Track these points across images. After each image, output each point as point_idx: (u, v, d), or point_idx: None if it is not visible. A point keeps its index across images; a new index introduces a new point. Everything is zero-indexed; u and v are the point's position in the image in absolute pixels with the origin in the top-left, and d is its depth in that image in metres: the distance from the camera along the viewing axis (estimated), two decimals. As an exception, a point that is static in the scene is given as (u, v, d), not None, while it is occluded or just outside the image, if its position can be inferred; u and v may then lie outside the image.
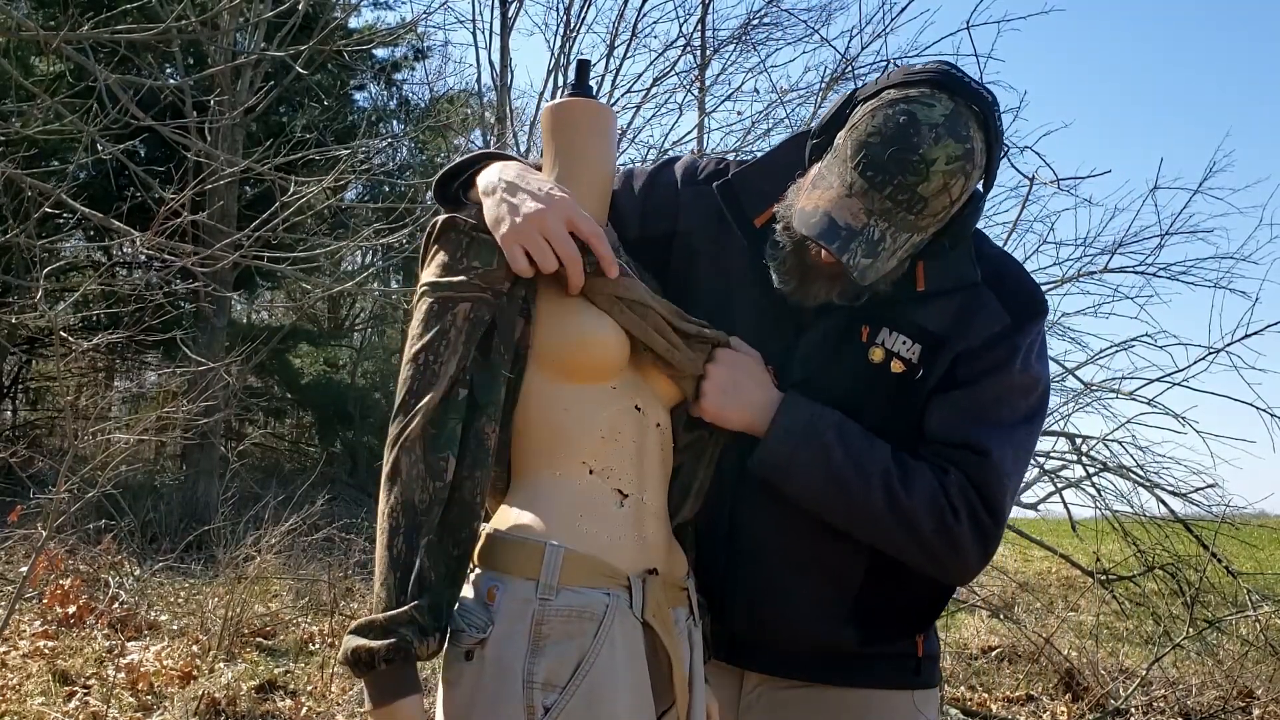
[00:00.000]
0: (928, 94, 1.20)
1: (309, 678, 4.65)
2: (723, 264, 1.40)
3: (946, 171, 1.17)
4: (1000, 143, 1.24)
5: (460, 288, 1.22)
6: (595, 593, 1.19)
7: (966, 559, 1.29)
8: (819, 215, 1.21)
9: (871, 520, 1.28)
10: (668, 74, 7.21)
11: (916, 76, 1.22)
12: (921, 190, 1.18)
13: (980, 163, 1.22)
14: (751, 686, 1.42)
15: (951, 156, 1.17)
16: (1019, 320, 1.32)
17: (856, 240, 1.19)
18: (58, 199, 4.45)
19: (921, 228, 1.22)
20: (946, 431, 1.30)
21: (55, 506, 3.86)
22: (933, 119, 1.18)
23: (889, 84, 1.24)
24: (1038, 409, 1.35)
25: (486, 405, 1.22)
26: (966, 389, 1.31)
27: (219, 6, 5.70)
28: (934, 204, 1.19)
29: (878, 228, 1.19)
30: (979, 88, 1.22)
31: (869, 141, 1.20)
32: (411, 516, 1.16)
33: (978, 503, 1.27)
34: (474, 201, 1.30)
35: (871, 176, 1.19)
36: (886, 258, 1.21)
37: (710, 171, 1.48)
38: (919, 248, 1.26)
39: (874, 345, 1.33)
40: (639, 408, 1.29)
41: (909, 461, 1.29)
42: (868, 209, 1.19)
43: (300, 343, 13.81)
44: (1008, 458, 1.29)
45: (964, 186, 1.20)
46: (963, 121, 1.19)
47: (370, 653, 1.11)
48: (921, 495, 1.26)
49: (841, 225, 1.19)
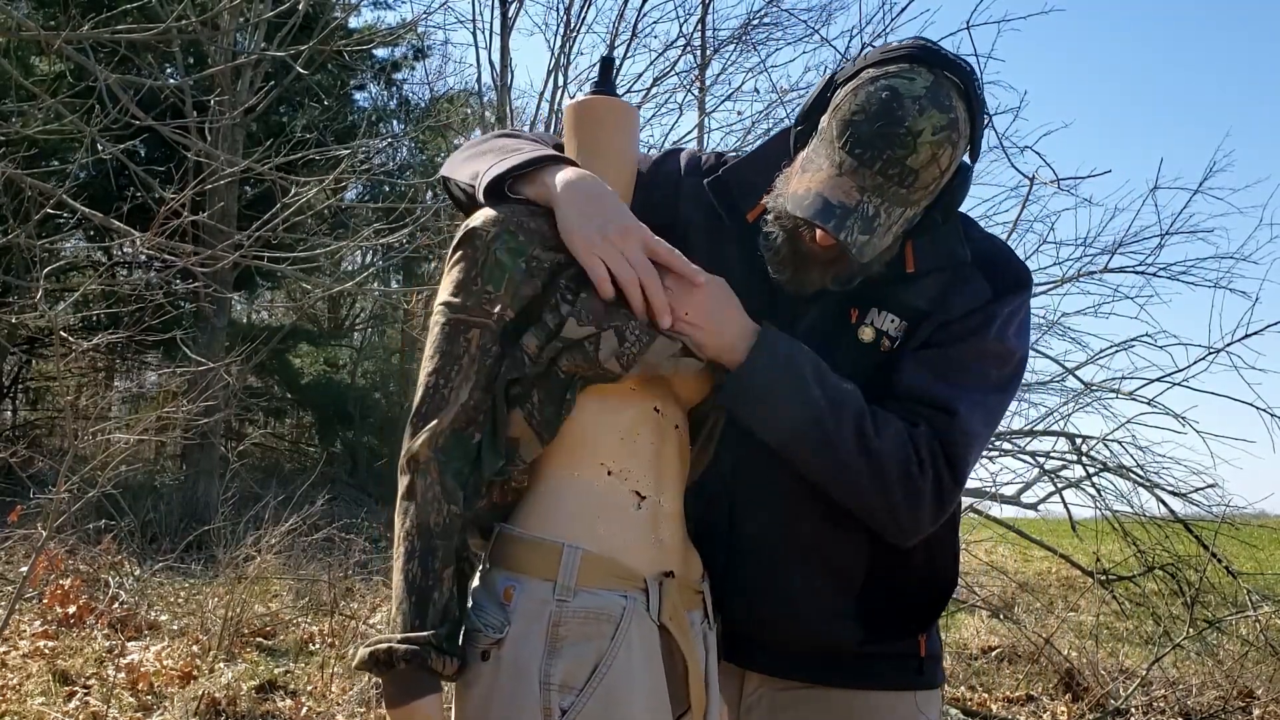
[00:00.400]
0: (907, 69, 1.22)
1: (309, 678, 4.65)
2: (718, 257, 1.40)
3: (934, 142, 1.18)
4: (982, 112, 1.26)
5: (473, 311, 1.21)
6: (612, 595, 1.18)
7: (920, 513, 1.26)
8: (812, 197, 1.22)
9: (839, 462, 1.25)
10: (668, 74, 7.21)
11: (894, 53, 1.24)
12: (911, 163, 1.19)
13: (965, 132, 1.23)
14: (753, 688, 1.42)
15: (937, 126, 1.18)
16: (1000, 293, 1.33)
17: (852, 218, 1.19)
18: (58, 199, 4.44)
19: (914, 201, 1.23)
20: (916, 386, 1.30)
21: (55, 506, 3.85)
22: (915, 91, 1.19)
23: (867, 64, 1.25)
24: (1011, 379, 1.35)
25: (485, 469, 1.21)
26: (939, 349, 1.32)
27: (219, 6, 5.70)
28: (924, 175, 1.20)
29: (871, 204, 1.20)
30: (956, 59, 1.23)
31: (854, 120, 1.21)
32: (427, 539, 1.15)
33: (941, 459, 1.26)
34: (524, 198, 1.27)
35: (860, 154, 1.19)
36: (883, 233, 1.22)
37: (709, 165, 1.48)
38: (913, 221, 1.27)
39: (864, 325, 1.34)
40: (658, 410, 1.29)
41: (880, 410, 1.28)
42: (860, 186, 1.20)
43: (300, 343, 13.81)
44: (975, 419, 1.28)
45: (952, 155, 1.22)
46: (944, 92, 1.20)
47: (389, 652, 1.10)
48: (891, 441, 1.25)
49: (835, 204, 1.20)
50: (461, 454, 1.19)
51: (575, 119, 1.36)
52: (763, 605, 1.36)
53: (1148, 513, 5.29)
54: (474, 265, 1.22)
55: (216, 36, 7.42)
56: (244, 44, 8.63)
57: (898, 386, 1.31)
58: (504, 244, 1.23)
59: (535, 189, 1.27)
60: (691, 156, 1.52)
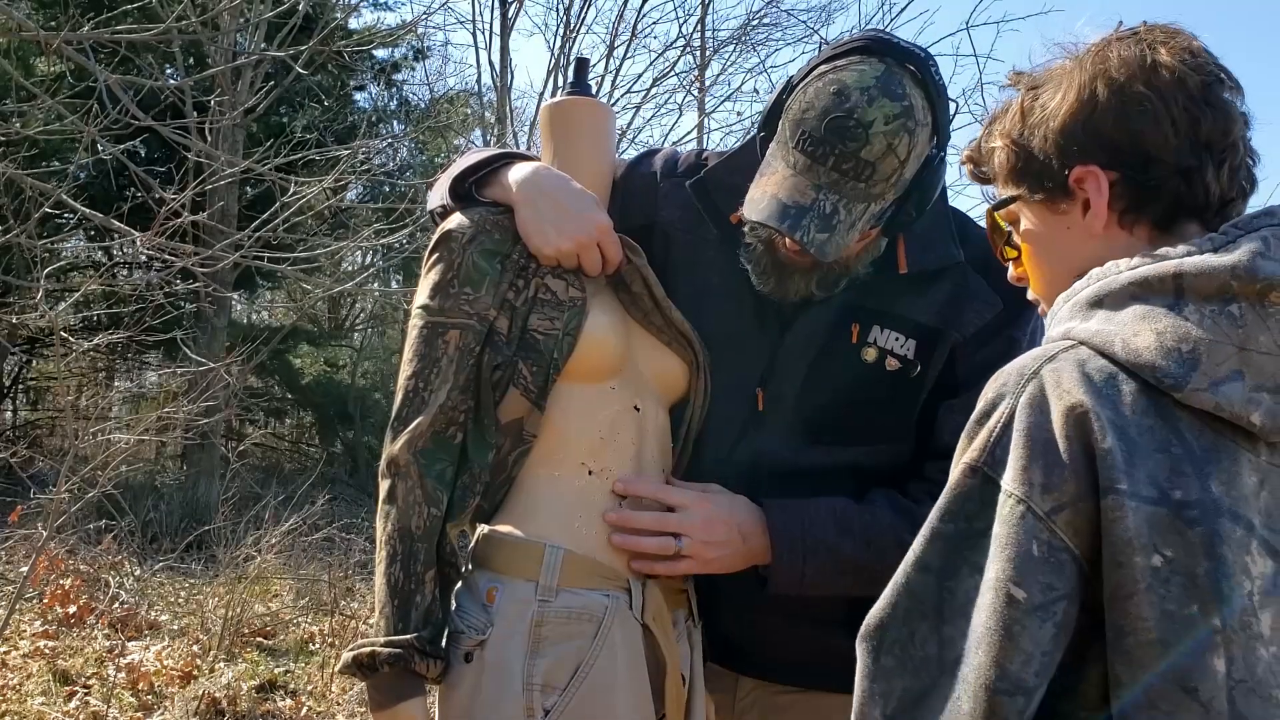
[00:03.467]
0: (856, 60, 1.18)
1: (309, 678, 4.65)
2: (700, 259, 1.39)
3: (887, 131, 1.14)
4: (944, 97, 1.21)
5: (450, 313, 1.22)
6: (595, 594, 1.18)
7: None
8: (767, 200, 1.19)
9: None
10: (667, 74, 7.24)
11: (844, 47, 1.21)
12: (865, 155, 1.14)
13: (924, 119, 1.18)
14: (746, 691, 1.41)
15: (890, 115, 1.14)
16: (1013, 308, 1.29)
17: (808, 216, 1.16)
18: (58, 199, 4.45)
19: (876, 195, 1.18)
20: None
21: (55, 506, 3.86)
22: (864, 82, 1.16)
23: (819, 60, 1.22)
24: None
25: (474, 464, 1.22)
26: (969, 394, 1.28)
27: (219, 7, 5.70)
28: (882, 167, 1.16)
29: (828, 200, 1.16)
30: (910, 46, 1.20)
31: (804, 118, 1.18)
32: (408, 543, 1.16)
33: None
34: (489, 200, 1.29)
35: (811, 151, 1.16)
36: (845, 230, 1.17)
37: (689, 165, 1.45)
38: (882, 217, 1.22)
39: (866, 345, 1.30)
40: (638, 408, 1.28)
41: (913, 508, 1.26)
42: (814, 184, 1.17)
43: (300, 343, 13.80)
44: None
45: (909, 144, 1.16)
46: (896, 79, 1.16)
47: (373, 656, 1.11)
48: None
49: (790, 204, 1.17)
50: (443, 456, 1.20)
51: (550, 120, 1.37)
52: (751, 614, 1.35)
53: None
54: (450, 267, 1.23)
55: (216, 37, 7.42)
56: (244, 44, 8.63)
57: (939, 445, 1.29)
58: (479, 245, 1.23)
59: (494, 190, 1.29)
60: (668, 158, 1.48)
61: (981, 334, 1.29)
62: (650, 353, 1.32)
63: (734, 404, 1.34)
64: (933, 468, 1.29)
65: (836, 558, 1.24)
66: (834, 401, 1.31)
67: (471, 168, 1.31)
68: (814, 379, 1.32)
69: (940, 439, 1.29)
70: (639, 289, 1.29)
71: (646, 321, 1.31)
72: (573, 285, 1.25)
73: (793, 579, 1.25)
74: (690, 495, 1.26)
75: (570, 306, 1.23)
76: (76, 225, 6.42)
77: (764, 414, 1.33)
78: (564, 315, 1.23)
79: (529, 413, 1.22)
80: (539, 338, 1.22)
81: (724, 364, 1.35)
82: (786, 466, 1.32)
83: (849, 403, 1.31)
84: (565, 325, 1.22)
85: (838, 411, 1.31)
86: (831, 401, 1.31)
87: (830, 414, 1.32)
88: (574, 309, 1.23)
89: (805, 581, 1.25)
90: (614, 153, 1.41)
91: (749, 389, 1.34)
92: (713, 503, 1.26)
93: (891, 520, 1.26)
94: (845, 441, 1.32)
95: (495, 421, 1.22)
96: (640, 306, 1.30)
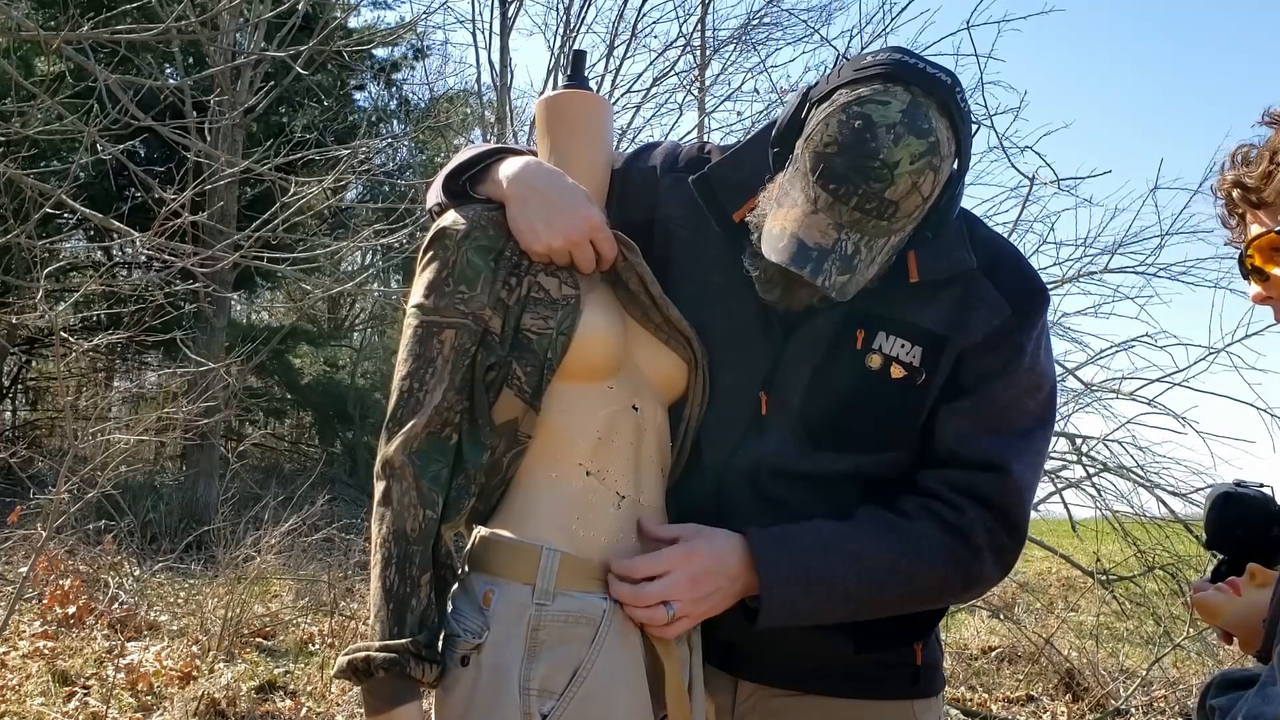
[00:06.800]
0: (880, 90, 1.13)
1: (309, 678, 4.65)
2: (703, 257, 1.36)
3: (913, 171, 1.10)
4: (968, 121, 1.17)
5: (445, 312, 1.20)
6: (592, 597, 1.17)
7: (985, 585, 1.33)
8: (786, 239, 1.14)
9: (899, 604, 1.28)
10: (668, 74, 7.23)
11: (867, 71, 1.15)
12: (889, 195, 1.11)
13: (949, 151, 1.14)
14: (746, 695, 1.39)
15: (915, 154, 1.10)
16: (1020, 313, 1.27)
17: (829, 259, 1.13)
18: (58, 199, 4.45)
19: (897, 229, 1.15)
20: (962, 448, 1.25)
21: (55, 507, 3.85)
22: (889, 118, 1.11)
23: (840, 83, 1.17)
24: (1048, 409, 1.30)
25: (469, 465, 1.21)
26: (975, 396, 1.26)
27: (219, 6, 5.70)
28: (906, 205, 1.12)
29: (849, 240, 1.13)
30: (935, 72, 1.15)
31: (826, 152, 1.13)
32: (403, 546, 1.15)
33: (999, 529, 1.24)
34: (483, 196, 1.28)
35: (835, 189, 1.12)
36: (865, 268, 1.15)
37: (690, 159, 1.42)
38: (900, 248, 1.20)
39: (870, 352, 1.27)
40: (636, 408, 1.27)
41: (906, 526, 1.24)
42: (836, 223, 1.13)
43: (300, 343, 13.80)
44: (1026, 470, 1.26)
45: (935, 180, 1.13)
46: (922, 113, 1.12)
47: (368, 660, 1.10)
48: (936, 558, 1.23)
49: (811, 246, 1.13)
50: (439, 457, 1.18)
51: (546, 114, 1.35)
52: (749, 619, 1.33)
53: (1148, 513, 5.28)
54: (445, 266, 1.22)
55: (216, 36, 7.42)
56: (244, 44, 8.62)
57: (940, 450, 1.27)
58: (474, 242, 1.22)
59: (487, 187, 1.28)
60: (669, 151, 1.45)
61: (988, 340, 1.26)
62: (649, 351, 1.30)
63: (737, 406, 1.32)
64: (929, 477, 1.27)
65: (828, 588, 1.22)
66: (837, 408, 1.28)
67: (465, 164, 1.30)
68: (817, 384, 1.29)
69: (940, 444, 1.27)
70: (635, 286, 1.27)
71: (645, 319, 1.29)
72: (566, 283, 1.23)
73: (783, 614, 1.23)
74: (674, 557, 1.21)
75: (563, 305, 1.21)
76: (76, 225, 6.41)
77: (767, 417, 1.31)
78: (557, 314, 1.21)
79: (524, 413, 1.21)
80: (532, 337, 1.21)
81: (727, 365, 1.33)
82: (788, 470, 1.30)
83: (852, 409, 1.28)
84: (559, 324, 1.21)
85: (841, 418, 1.28)
86: (835, 407, 1.28)
87: (833, 420, 1.29)
88: (567, 307, 1.21)
89: (796, 614, 1.23)
90: (611, 146, 1.39)
91: (752, 391, 1.31)
92: (694, 561, 1.22)
93: (882, 544, 1.24)
94: (848, 448, 1.29)
95: (490, 422, 1.21)
96: (638, 304, 1.29)
